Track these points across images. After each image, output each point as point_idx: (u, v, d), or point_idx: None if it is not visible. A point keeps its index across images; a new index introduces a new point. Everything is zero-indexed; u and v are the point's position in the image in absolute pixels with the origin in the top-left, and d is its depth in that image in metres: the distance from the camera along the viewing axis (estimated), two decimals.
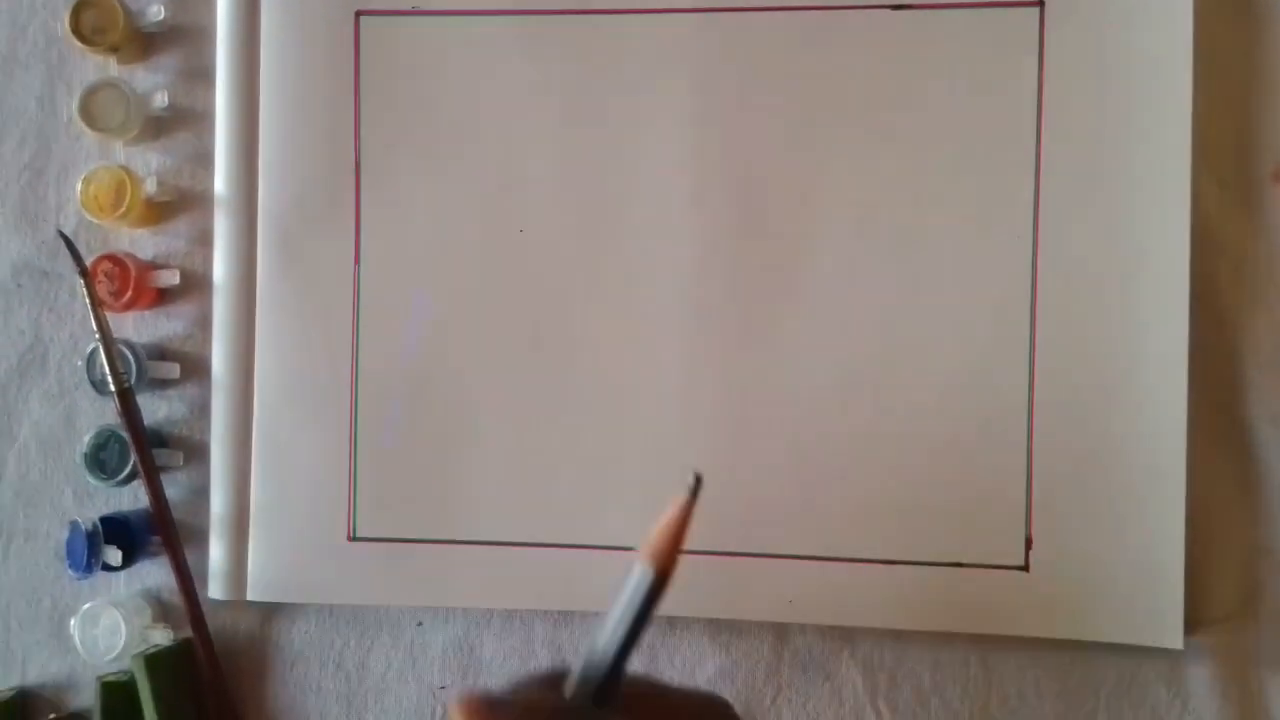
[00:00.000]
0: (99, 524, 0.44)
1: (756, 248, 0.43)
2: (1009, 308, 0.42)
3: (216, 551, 0.45)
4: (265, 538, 0.44)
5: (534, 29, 0.44)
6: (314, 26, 0.44)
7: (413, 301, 0.44)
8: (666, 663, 0.44)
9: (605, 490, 0.43)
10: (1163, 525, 0.41)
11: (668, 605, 0.41)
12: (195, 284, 0.46)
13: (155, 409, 0.46)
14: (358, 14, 0.44)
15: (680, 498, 0.28)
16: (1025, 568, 0.41)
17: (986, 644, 0.43)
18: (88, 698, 0.45)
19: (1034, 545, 0.41)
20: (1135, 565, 0.41)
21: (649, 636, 0.43)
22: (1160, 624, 0.41)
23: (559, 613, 0.44)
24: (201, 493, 0.45)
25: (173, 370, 0.45)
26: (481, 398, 0.44)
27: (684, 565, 0.41)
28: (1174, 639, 0.40)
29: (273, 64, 0.44)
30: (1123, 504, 0.41)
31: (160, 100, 0.45)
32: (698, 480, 0.27)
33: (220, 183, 0.45)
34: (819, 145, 0.42)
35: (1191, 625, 0.41)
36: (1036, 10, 0.42)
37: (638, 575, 0.28)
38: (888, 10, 0.42)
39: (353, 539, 0.44)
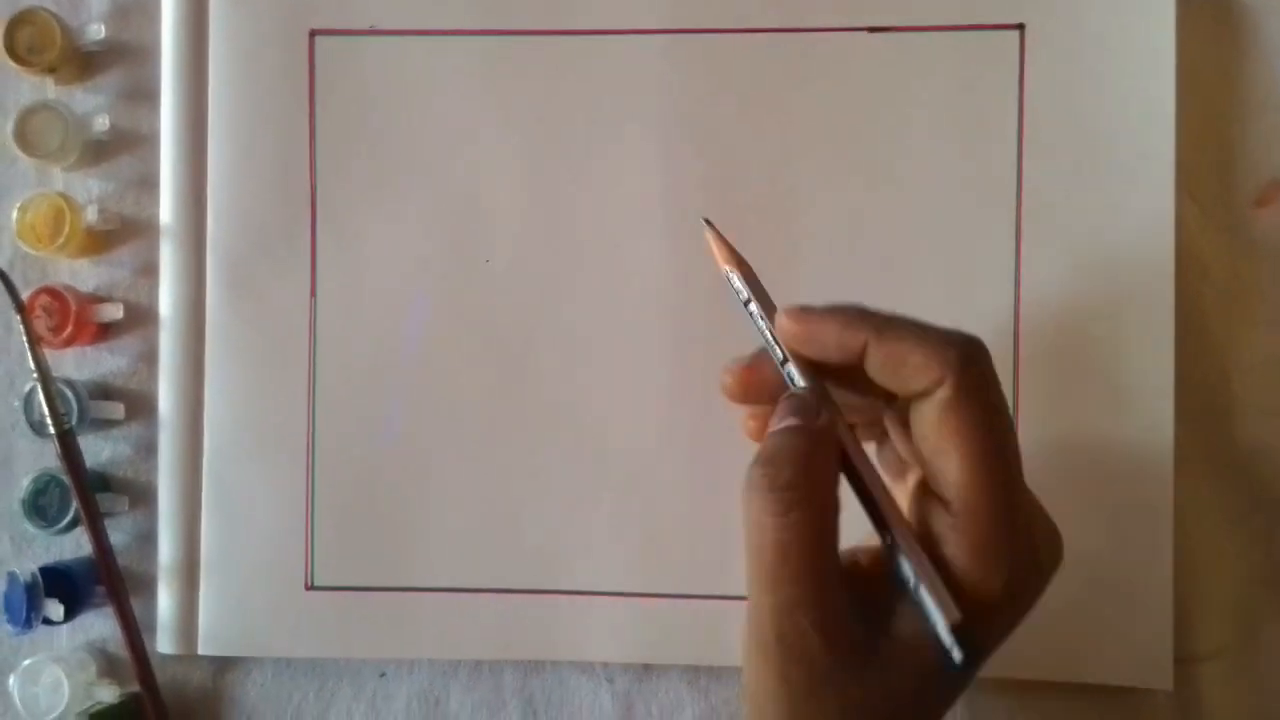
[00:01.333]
0: (38, 575, 0.41)
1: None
2: (991, 339, 0.40)
3: (165, 602, 0.42)
4: (217, 587, 0.42)
5: (498, 50, 0.42)
6: (265, 45, 0.42)
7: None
8: (644, 711, 0.42)
9: (576, 533, 0.41)
10: (1150, 560, 0.40)
11: (644, 653, 0.41)
12: (140, 318, 0.43)
13: (98, 451, 0.43)
14: (312, 33, 0.42)
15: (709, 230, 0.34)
16: None
17: (971, 687, 0.41)
18: None
19: None
20: (1121, 603, 0.40)
21: (625, 683, 0.42)
22: (1149, 663, 0.40)
23: (529, 662, 0.42)
24: (148, 540, 0.43)
25: (116, 410, 0.43)
26: (446, 436, 0.42)
27: (660, 610, 0.40)
28: (1163, 679, 0.39)
29: (222, 85, 0.42)
30: (1108, 540, 0.40)
31: (101, 123, 0.43)
32: (707, 221, 0.34)
33: (166, 211, 0.42)
34: (795, 171, 0.41)
35: (1181, 663, 0.40)
36: (1016, 33, 0.40)
37: (735, 281, 0.33)
38: (864, 33, 0.41)
39: (310, 588, 0.42)
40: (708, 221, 0.34)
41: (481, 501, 0.42)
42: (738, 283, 0.33)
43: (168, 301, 0.42)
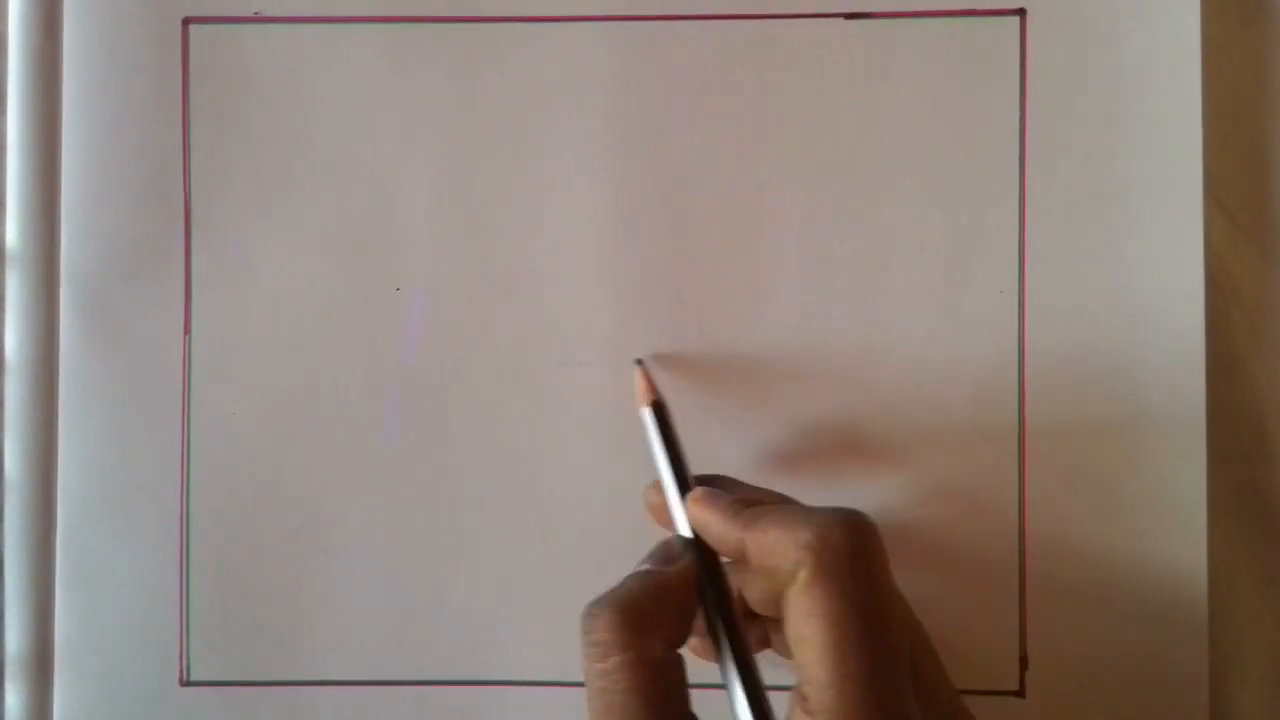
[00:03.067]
0: None
1: (692, 298, 0.35)
2: (991, 369, 0.34)
3: (13, 699, 0.35)
4: (74, 681, 0.35)
5: (408, 39, 0.35)
6: (129, 37, 0.35)
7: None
8: None
9: (505, 613, 0.35)
10: (1181, 631, 0.34)
11: None
12: None
13: None
14: (186, 21, 0.35)
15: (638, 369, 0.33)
16: (1020, 693, 0.34)
17: None
18: None
19: (1030, 665, 0.34)
20: (1151, 681, 0.34)
21: None
22: None
23: None
24: None
25: None
26: (350, 502, 0.35)
27: None
28: None
29: (78, 83, 0.35)
30: (1133, 611, 0.34)
31: None
32: (639, 361, 0.34)
33: (11, 232, 0.35)
34: (761, 178, 0.35)
35: None
36: (1017, 19, 0.35)
37: (647, 418, 0.32)
38: (840, 19, 0.35)
39: (186, 683, 0.35)
40: (639, 362, 0.34)
41: (393, 578, 0.35)
42: (650, 427, 0.32)
43: (13, 340, 0.35)
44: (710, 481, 0.31)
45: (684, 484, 0.31)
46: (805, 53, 0.35)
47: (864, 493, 0.34)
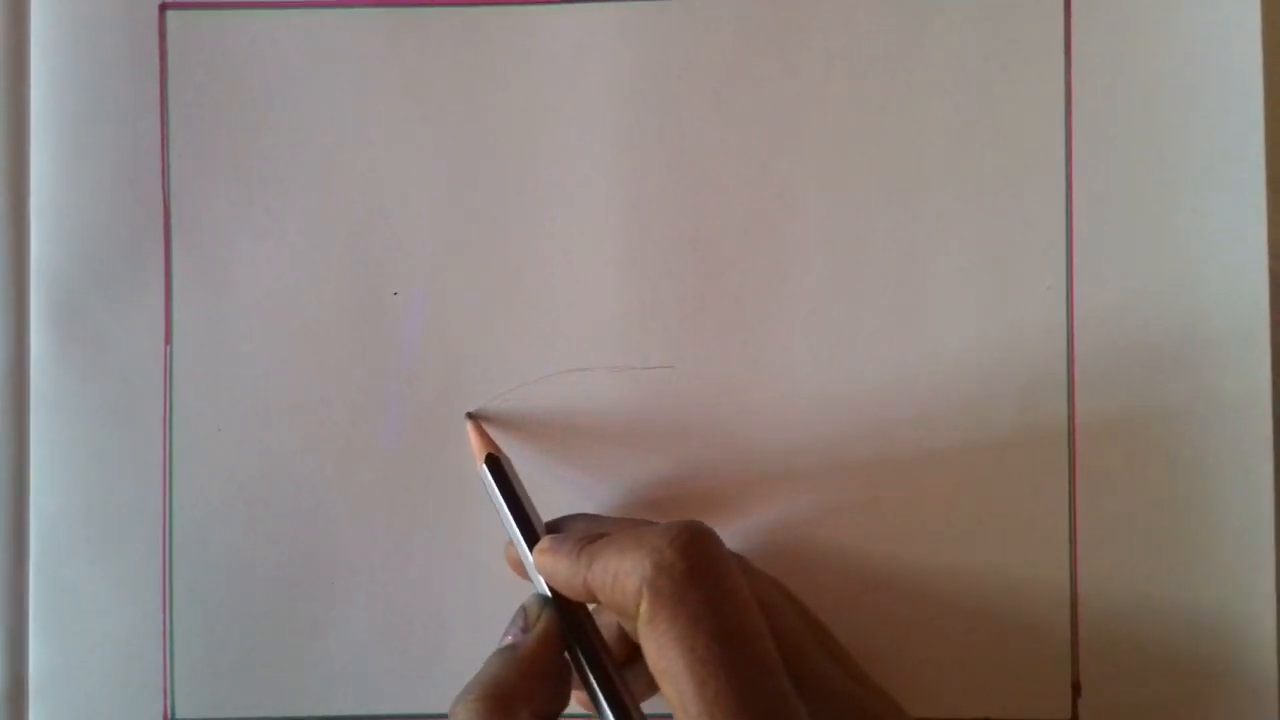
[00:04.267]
0: None
1: (711, 299, 0.32)
2: (1039, 370, 0.32)
3: None
4: (50, 719, 0.32)
5: (404, 24, 0.33)
6: (102, 24, 0.33)
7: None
8: None
9: None
10: (1247, 654, 0.31)
11: None
12: None
13: None
14: (163, 7, 0.33)
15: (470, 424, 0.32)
16: None
17: None
18: None
19: (1082, 692, 0.32)
20: (1214, 707, 0.31)
21: None
22: None
23: None
24: None
25: None
26: (346, 522, 0.32)
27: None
28: None
29: (48, 75, 0.33)
30: (1194, 632, 0.31)
31: None
32: (469, 415, 0.32)
33: None
34: (785, 166, 0.32)
35: None
36: None
37: (486, 475, 0.30)
38: None
39: None
40: (470, 416, 0.32)
41: (391, 604, 0.32)
42: (490, 482, 0.30)
43: None
44: (558, 526, 0.29)
45: (533, 537, 0.29)
46: (830, 30, 0.32)
47: (901, 510, 0.32)
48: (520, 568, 0.29)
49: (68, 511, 0.32)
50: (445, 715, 0.32)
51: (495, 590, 0.32)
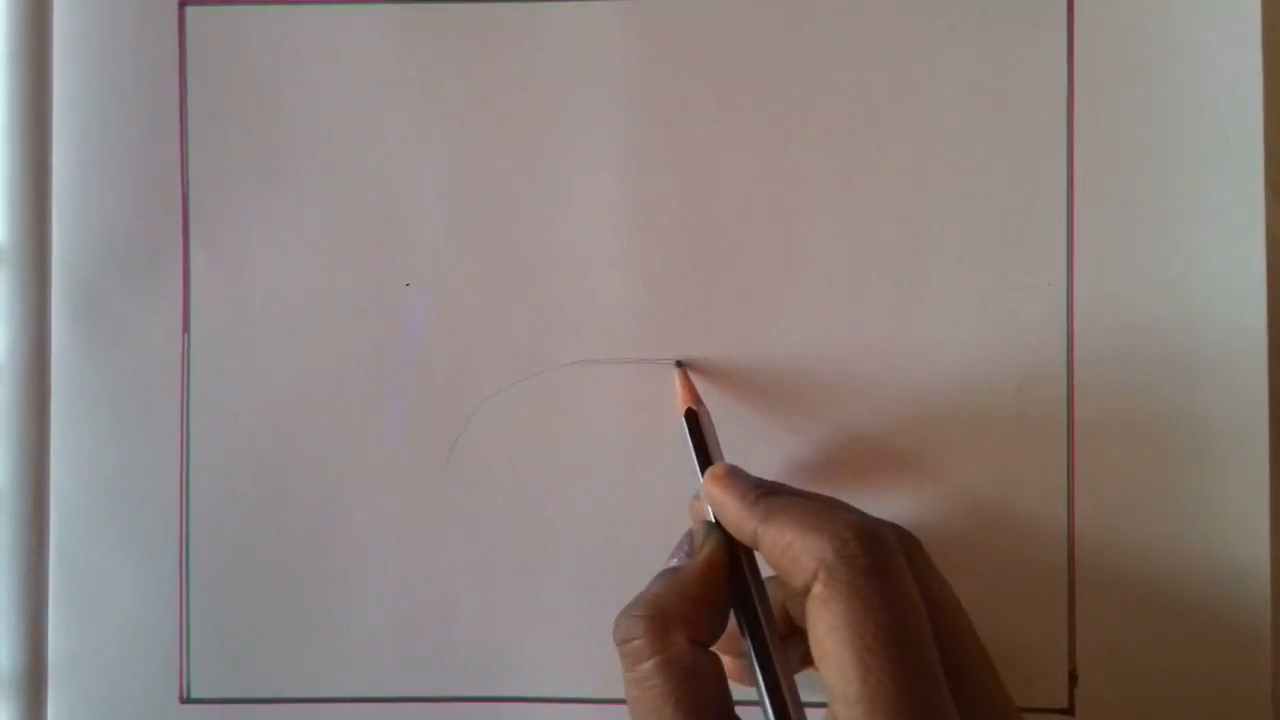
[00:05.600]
0: None
1: (718, 294, 0.33)
2: (1036, 371, 0.32)
3: (5, 718, 0.33)
4: (68, 700, 0.33)
5: (416, 20, 0.33)
6: (123, 20, 0.33)
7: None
8: None
9: (522, 624, 0.33)
10: (1241, 644, 0.32)
11: None
12: None
13: None
14: (182, 3, 0.33)
15: (677, 372, 0.32)
16: (1070, 711, 0.32)
17: None
18: None
19: (1079, 681, 0.32)
20: (1209, 697, 0.32)
21: None
22: None
23: None
24: None
25: None
26: (358, 508, 0.33)
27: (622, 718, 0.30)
28: None
29: (69, 70, 0.33)
30: (1190, 623, 0.32)
31: None
32: (678, 363, 0.33)
33: (0, 226, 0.34)
34: (790, 161, 0.33)
35: None
36: None
37: (683, 423, 0.30)
38: None
39: (186, 700, 0.33)
40: (679, 364, 0.32)
41: (404, 589, 0.33)
42: (688, 432, 0.30)
43: (2, 341, 0.34)
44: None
45: None
46: (835, 26, 0.33)
47: (902, 500, 0.32)
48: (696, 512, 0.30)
49: (87, 496, 0.33)
50: (454, 699, 0.33)
51: (506, 576, 0.33)
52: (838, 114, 0.33)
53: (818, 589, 0.24)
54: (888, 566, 0.24)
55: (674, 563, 0.27)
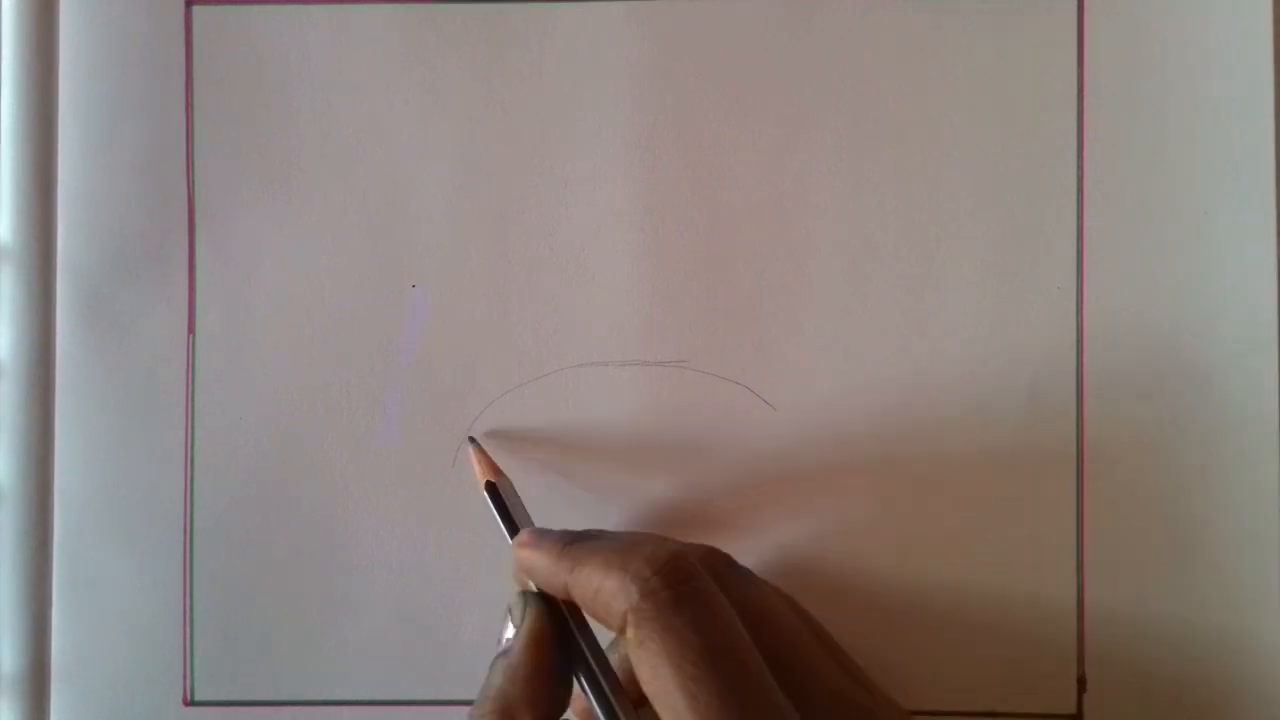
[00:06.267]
0: None
1: (725, 298, 0.33)
2: (1045, 377, 0.32)
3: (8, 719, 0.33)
4: (72, 702, 0.33)
5: (424, 20, 0.33)
6: (129, 19, 0.33)
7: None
8: None
9: None
10: (1252, 652, 0.32)
11: None
12: None
13: None
14: (189, 2, 0.33)
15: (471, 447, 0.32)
16: (1078, 717, 0.32)
17: None
18: None
19: (1088, 687, 0.32)
20: (1220, 705, 0.32)
21: None
22: None
23: None
24: None
25: None
26: (363, 510, 0.33)
27: None
28: None
29: (76, 68, 0.33)
30: (1200, 630, 0.32)
31: None
32: (471, 438, 0.33)
33: (5, 227, 0.33)
34: (799, 166, 0.33)
35: None
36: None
37: (487, 500, 0.30)
38: None
39: (190, 703, 0.33)
40: (472, 439, 0.32)
41: (408, 592, 0.33)
42: (491, 503, 0.30)
43: (7, 340, 0.33)
44: None
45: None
46: (846, 35, 0.33)
47: (911, 508, 0.32)
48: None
49: (91, 497, 0.33)
50: (458, 702, 0.33)
51: (509, 577, 0.33)
52: (846, 116, 0.33)
53: (630, 632, 0.24)
54: (693, 592, 0.24)
55: (503, 645, 0.27)
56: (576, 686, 0.27)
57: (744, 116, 0.33)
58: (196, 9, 0.33)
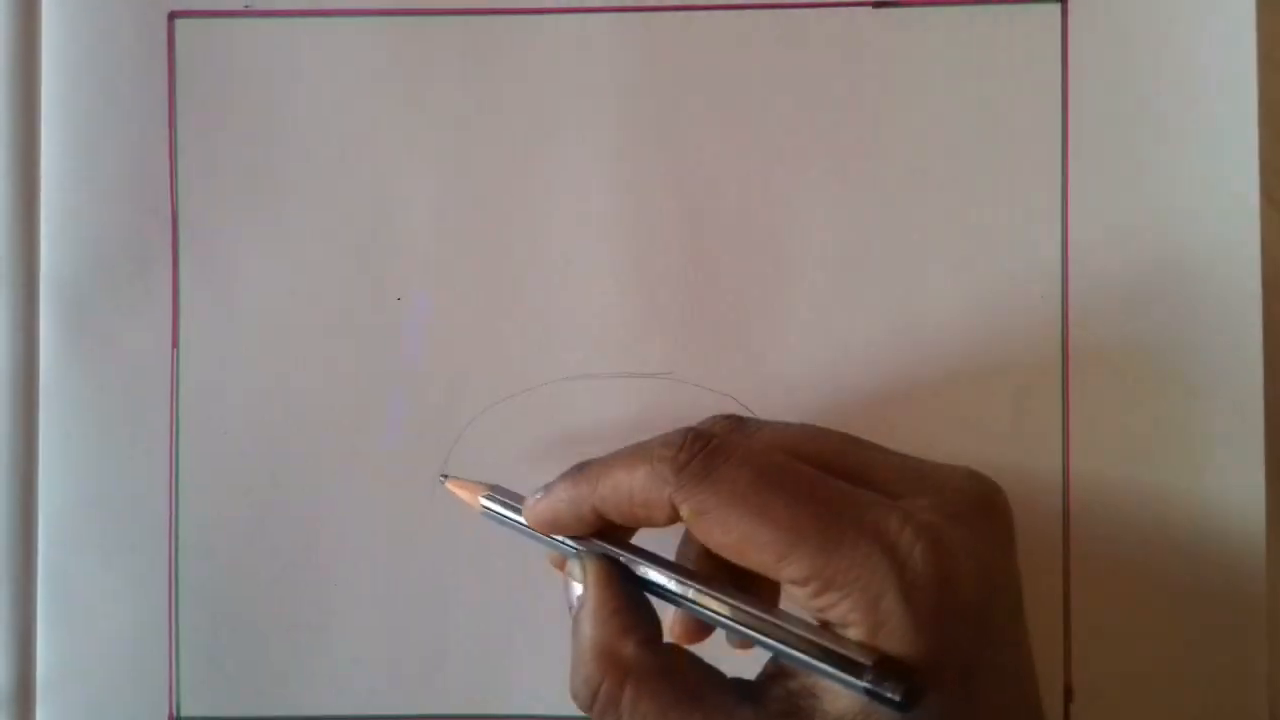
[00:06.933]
0: None
1: (712, 305, 0.33)
2: (1031, 381, 0.32)
3: None
4: (57, 717, 0.33)
5: (408, 33, 0.33)
6: (112, 32, 0.33)
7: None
8: None
9: (517, 640, 0.33)
10: (1239, 660, 0.32)
11: None
12: None
13: None
14: (172, 15, 0.33)
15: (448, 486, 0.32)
16: None
17: None
18: None
19: (1075, 696, 0.32)
20: (1207, 713, 0.32)
21: None
22: None
23: None
24: None
25: None
26: (350, 524, 0.33)
27: None
28: None
29: (58, 81, 0.33)
30: (1188, 637, 0.32)
31: None
32: (444, 475, 0.32)
33: None
34: (784, 175, 0.33)
35: None
36: (1058, 7, 0.32)
37: (493, 509, 0.30)
38: (868, 8, 0.33)
39: (176, 718, 0.33)
40: (444, 476, 0.32)
41: (396, 605, 0.33)
42: (497, 508, 0.30)
43: None
44: None
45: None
46: (828, 45, 0.33)
47: None
48: (564, 566, 0.29)
49: (75, 511, 0.33)
50: (446, 716, 0.33)
51: (497, 592, 0.33)
52: (830, 127, 0.33)
53: (684, 510, 0.24)
54: (719, 446, 0.25)
55: (576, 603, 0.27)
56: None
57: (728, 128, 0.33)
58: (179, 21, 0.33)
